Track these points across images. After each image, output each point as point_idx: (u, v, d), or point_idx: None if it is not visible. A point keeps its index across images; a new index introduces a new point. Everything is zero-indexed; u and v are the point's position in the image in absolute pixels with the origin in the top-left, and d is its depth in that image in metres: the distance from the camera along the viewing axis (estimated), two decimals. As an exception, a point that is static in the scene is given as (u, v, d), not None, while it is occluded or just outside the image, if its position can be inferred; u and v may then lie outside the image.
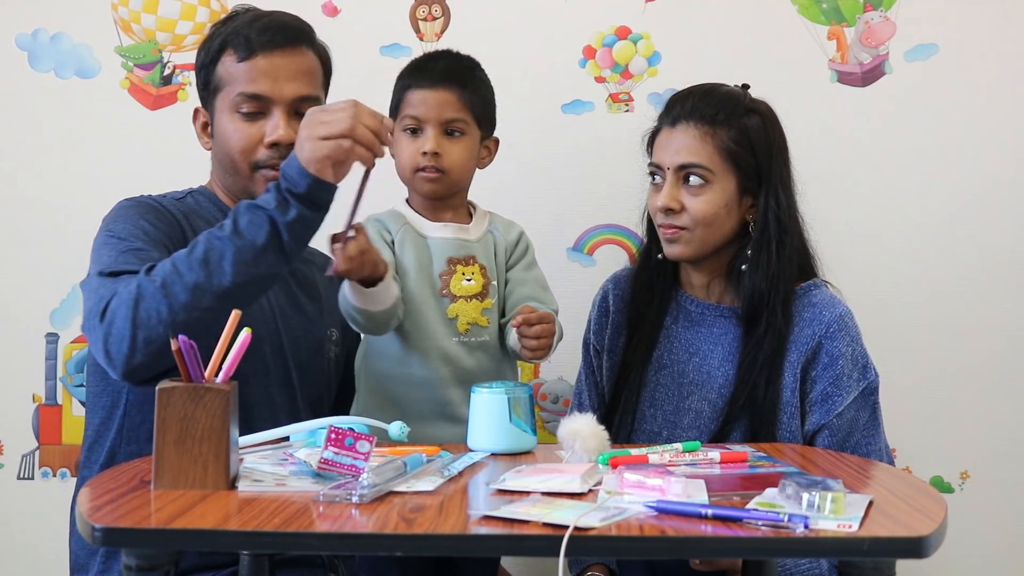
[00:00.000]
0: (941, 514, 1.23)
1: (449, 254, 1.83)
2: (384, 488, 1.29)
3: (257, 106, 1.80)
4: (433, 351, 1.80)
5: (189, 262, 1.56)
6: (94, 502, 1.25)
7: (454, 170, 1.82)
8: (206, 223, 1.81)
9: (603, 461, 1.47)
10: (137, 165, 2.31)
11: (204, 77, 1.85)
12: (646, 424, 1.93)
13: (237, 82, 1.80)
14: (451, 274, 1.81)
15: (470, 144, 1.84)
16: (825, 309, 1.87)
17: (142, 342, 1.54)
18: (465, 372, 1.80)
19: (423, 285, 1.81)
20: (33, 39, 2.35)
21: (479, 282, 1.82)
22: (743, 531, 1.16)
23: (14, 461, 2.37)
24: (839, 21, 2.35)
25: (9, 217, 2.35)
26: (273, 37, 1.80)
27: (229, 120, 1.81)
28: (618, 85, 2.36)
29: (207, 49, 1.84)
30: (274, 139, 1.79)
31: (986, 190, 2.34)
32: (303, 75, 1.82)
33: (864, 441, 1.85)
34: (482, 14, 2.35)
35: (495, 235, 1.89)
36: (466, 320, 1.81)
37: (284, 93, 1.80)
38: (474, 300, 1.82)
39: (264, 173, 1.81)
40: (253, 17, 1.84)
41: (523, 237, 1.92)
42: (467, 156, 1.84)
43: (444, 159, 1.81)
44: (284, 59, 1.80)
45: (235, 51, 1.80)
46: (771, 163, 1.88)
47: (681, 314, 1.97)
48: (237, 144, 1.80)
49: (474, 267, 1.83)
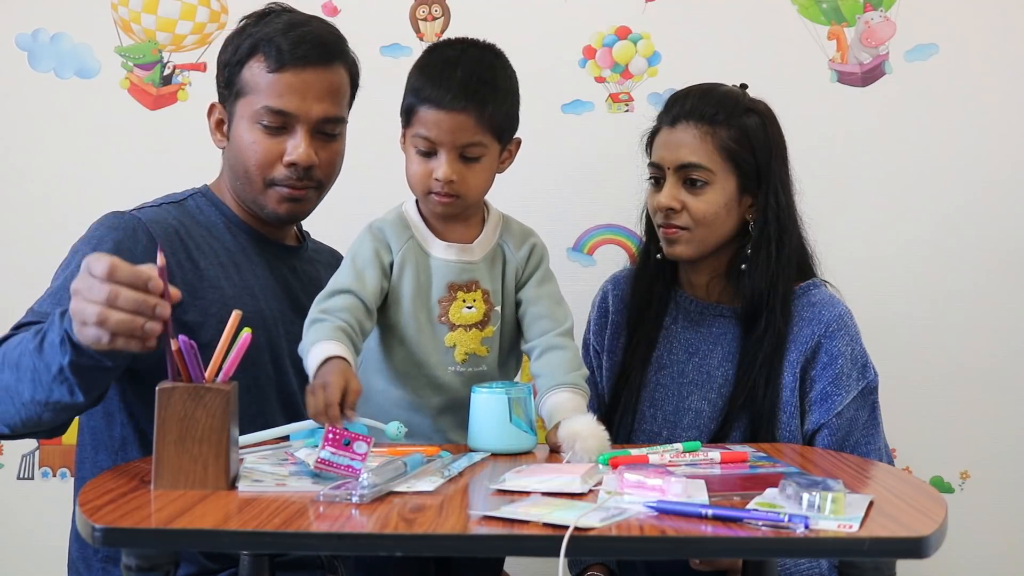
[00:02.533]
0: (941, 514, 1.23)
1: (450, 279, 1.70)
2: (385, 488, 1.29)
3: (281, 121, 1.75)
4: (426, 379, 1.70)
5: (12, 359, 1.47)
6: (94, 502, 1.25)
7: (469, 195, 1.68)
8: (205, 230, 1.80)
9: (603, 461, 1.47)
10: (137, 165, 2.32)
11: (228, 75, 1.79)
12: (646, 424, 1.93)
13: (263, 93, 1.74)
14: (451, 301, 1.69)
15: (488, 164, 1.69)
16: (824, 308, 1.87)
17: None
18: (459, 402, 1.68)
19: (420, 310, 1.69)
20: (33, 39, 2.35)
21: (480, 310, 1.70)
22: (743, 531, 1.16)
23: (14, 461, 2.37)
24: (839, 21, 2.35)
25: (9, 217, 2.35)
26: (307, 53, 1.74)
27: (249, 130, 1.77)
28: (618, 85, 2.36)
29: (235, 47, 1.78)
30: (293, 159, 1.75)
31: (986, 190, 2.35)
32: (331, 95, 1.77)
33: (864, 440, 1.85)
34: (482, 14, 2.35)
35: (505, 252, 1.75)
36: (464, 350, 1.70)
37: (311, 113, 1.75)
38: (474, 329, 1.70)
39: (278, 191, 1.78)
40: (288, 24, 1.77)
41: (536, 250, 1.77)
42: (485, 177, 1.69)
43: (460, 185, 1.65)
44: (315, 76, 1.75)
45: (266, 59, 1.74)
46: (770, 162, 1.88)
47: (680, 314, 1.97)
48: (254, 157, 1.76)
49: (476, 293, 1.70)
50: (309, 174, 1.78)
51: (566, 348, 1.71)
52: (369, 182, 2.21)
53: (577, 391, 1.67)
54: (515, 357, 1.80)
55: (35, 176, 2.35)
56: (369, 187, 2.16)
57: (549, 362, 1.70)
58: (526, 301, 1.75)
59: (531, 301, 1.75)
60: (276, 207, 1.80)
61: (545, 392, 1.67)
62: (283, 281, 1.86)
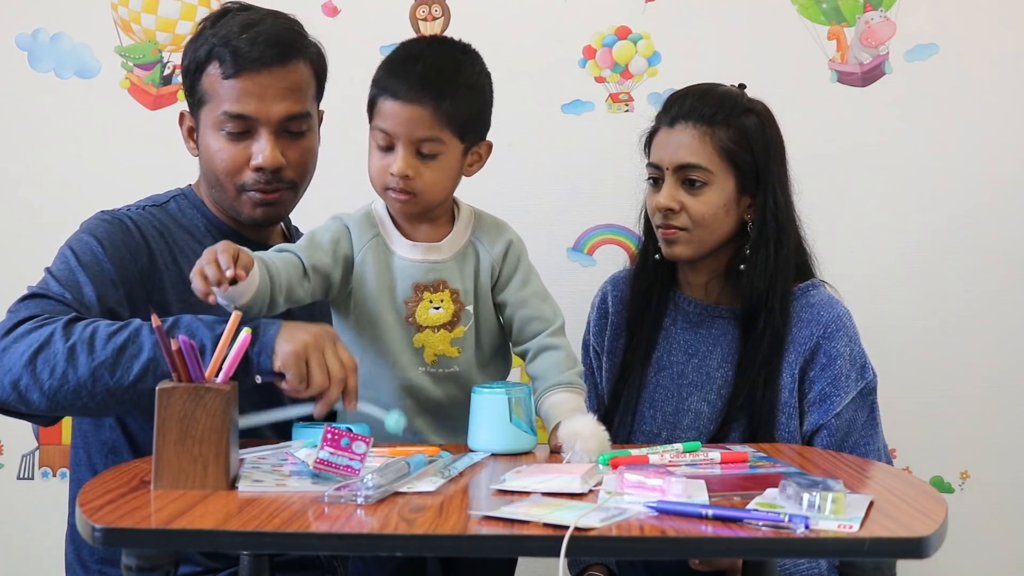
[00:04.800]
0: (941, 514, 1.23)
1: (416, 279, 1.66)
2: (389, 489, 1.29)
3: (243, 126, 1.73)
4: (396, 381, 1.67)
5: (107, 340, 1.49)
6: (94, 502, 1.25)
7: (426, 192, 1.63)
8: (187, 232, 1.80)
9: (603, 461, 1.47)
10: (137, 165, 2.31)
11: (189, 84, 1.78)
12: (645, 425, 1.93)
13: (222, 99, 1.72)
14: (417, 302, 1.66)
15: (447, 162, 1.64)
16: (823, 309, 1.87)
17: (23, 388, 1.49)
18: (432, 402, 1.69)
19: (387, 310, 1.67)
20: (33, 39, 2.35)
21: (449, 310, 1.66)
22: (743, 531, 1.16)
23: (14, 461, 2.37)
24: (839, 21, 2.35)
25: (9, 217, 2.36)
26: (261, 55, 1.71)
27: (214, 137, 1.75)
28: (618, 85, 2.36)
29: (193, 55, 1.76)
30: (259, 163, 1.74)
31: (986, 190, 2.35)
32: (292, 92, 1.74)
33: (863, 441, 1.85)
34: (482, 14, 2.35)
35: (478, 250, 1.71)
36: (433, 352, 1.67)
37: (271, 114, 1.72)
38: (442, 330, 1.67)
39: (250, 196, 1.77)
40: (242, 25, 1.74)
41: (512, 247, 1.72)
42: (442, 176, 1.64)
43: (415, 181, 1.62)
44: (272, 78, 1.72)
45: (221, 64, 1.72)
46: (769, 163, 1.88)
47: (680, 315, 1.97)
48: (221, 164, 1.75)
49: (443, 293, 1.67)
50: (279, 176, 1.76)
51: (559, 348, 1.70)
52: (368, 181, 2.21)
53: (574, 389, 1.67)
54: (503, 357, 1.78)
55: (35, 176, 2.35)
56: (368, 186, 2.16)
57: (544, 363, 1.69)
58: (512, 305, 1.72)
59: (518, 304, 1.72)
60: (251, 212, 1.79)
61: (542, 394, 1.67)
62: None
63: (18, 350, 1.50)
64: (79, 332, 1.50)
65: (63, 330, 1.50)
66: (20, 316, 1.56)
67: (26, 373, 1.49)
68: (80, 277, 1.64)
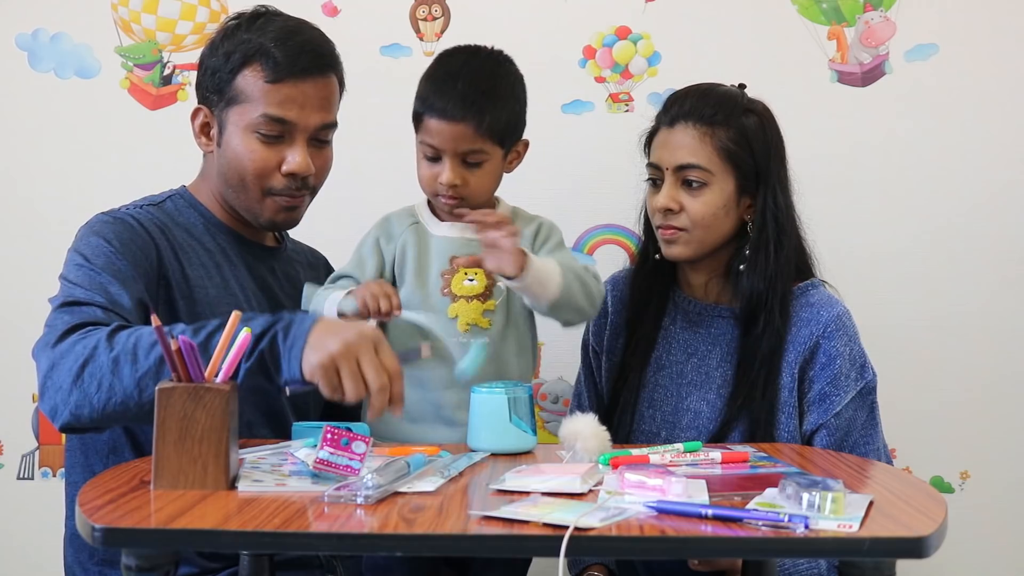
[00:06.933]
0: (941, 514, 1.23)
1: (452, 252, 1.78)
2: (389, 489, 1.29)
3: (279, 130, 1.75)
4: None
5: (150, 349, 1.48)
6: (94, 502, 1.25)
7: (473, 196, 1.77)
8: (185, 231, 1.80)
9: (604, 461, 1.47)
10: (137, 165, 2.31)
11: (218, 82, 1.78)
12: (645, 425, 1.93)
13: (260, 102, 1.74)
14: (453, 272, 1.77)
15: (490, 168, 1.77)
16: (823, 309, 1.87)
17: (74, 404, 1.50)
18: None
19: (423, 284, 1.77)
20: (33, 39, 2.35)
21: (482, 282, 1.76)
22: (743, 531, 1.16)
23: (14, 461, 2.37)
24: (839, 21, 2.35)
25: (9, 217, 2.35)
26: (306, 66, 1.75)
27: (244, 139, 1.76)
28: (618, 85, 2.36)
29: (227, 55, 1.77)
30: (292, 169, 1.76)
31: (985, 190, 2.35)
32: (327, 102, 1.79)
33: (862, 441, 1.85)
34: (482, 14, 2.35)
35: None
36: (466, 320, 1.75)
37: (309, 122, 1.76)
38: (475, 301, 1.76)
39: (276, 201, 1.79)
40: (282, 33, 1.77)
41: (543, 226, 1.85)
42: (487, 179, 1.78)
43: (463, 188, 1.75)
44: (313, 87, 1.76)
45: (262, 69, 1.74)
46: (769, 163, 1.88)
47: (679, 315, 1.97)
48: (252, 166, 1.76)
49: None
50: (306, 182, 1.80)
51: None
52: (368, 182, 2.21)
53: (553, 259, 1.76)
54: (531, 351, 1.83)
55: (35, 176, 2.35)
56: (369, 187, 2.16)
57: None
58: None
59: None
60: (274, 215, 1.81)
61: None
62: (262, 282, 1.86)
63: (65, 366, 1.51)
64: (122, 343, 1.50)
65: (107, 342, 1.50)
66: (64, 327, 1.55)
67: (76, 390, 1.49)
68: (102, 278, 1.64)
